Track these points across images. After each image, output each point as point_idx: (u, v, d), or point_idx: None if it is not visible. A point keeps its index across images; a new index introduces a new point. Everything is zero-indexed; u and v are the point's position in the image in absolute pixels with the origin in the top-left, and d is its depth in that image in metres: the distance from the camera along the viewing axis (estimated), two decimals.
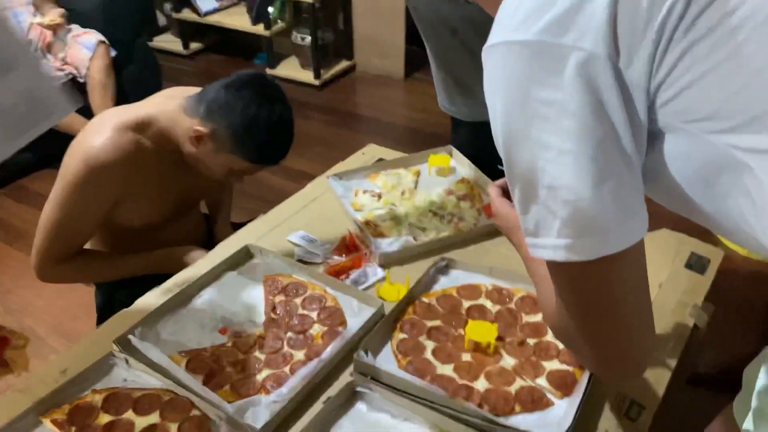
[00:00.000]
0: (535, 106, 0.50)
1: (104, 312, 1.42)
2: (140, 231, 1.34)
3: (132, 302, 1.13)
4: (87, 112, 2.71)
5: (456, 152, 1.49)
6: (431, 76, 1.62)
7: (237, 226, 1.51)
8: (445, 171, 1.46)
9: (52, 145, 2.79)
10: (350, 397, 0.91)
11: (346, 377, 0.95)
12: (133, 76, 2.99)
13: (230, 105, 1.15)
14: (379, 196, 1.37)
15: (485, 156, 1.52)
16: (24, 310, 2.00)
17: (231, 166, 1.21)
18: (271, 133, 1.18)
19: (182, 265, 1.30)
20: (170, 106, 1.24)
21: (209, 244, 1.42)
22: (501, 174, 0.66)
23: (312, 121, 3.38)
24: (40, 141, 2.76)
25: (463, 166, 1.47)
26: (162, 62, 3.31)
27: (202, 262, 1.22)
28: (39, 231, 1.26)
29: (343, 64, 3.84)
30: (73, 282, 1.38)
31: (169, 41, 4.11)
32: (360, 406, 0.90)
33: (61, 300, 2.00)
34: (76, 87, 2.74)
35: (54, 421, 0.87)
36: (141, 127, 1.22)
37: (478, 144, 1.61)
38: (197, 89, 1.26)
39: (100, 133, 1.21)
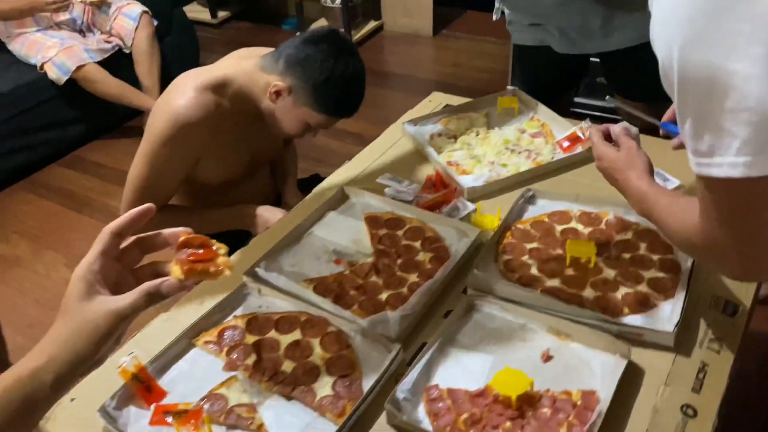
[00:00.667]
0: (722, 35, 0.55)
1: None
2: (216, 188, 1.43)
3: None
4: (134, 82, 2.79)
5: (521, 93, 1.55)
6: (459, 33, 1.66)
7: (301, 184, 1.60)
8: (514, 111, 1.52)
9: (103, 117, 2.90)
10: (469, 310, 1.00)
11: (458, 295, 1.04)
12: (173, 46, 3.06)
13: (309, 59, 1.22)
14: (455, 138, 1.45)
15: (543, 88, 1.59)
16: None
17: (307, 120, 1.28)
18: (347, 86, 1.25)
19: (254, 222, 1.39)
20: (246, 65, 1.31)
21: (277, 203, 1.51)
22: (557, 105, 0.71)
23: None
24: (92, 113, 2.95)
25: (529, 106, 1.53)
26: None
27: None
28: (127, 187, 1.34)
29: (372, 24, 3.87)
30: None
31: (197, 11, 4.15)
32: (477, 317, 0.99)
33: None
34: (123, 58, 2.82)
35: (206, 343, 0.97)
36: (220, 87, 1.29)
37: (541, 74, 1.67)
38: (268, 49, 1.33)
39: (184, 94, 1.29)
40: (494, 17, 1.72)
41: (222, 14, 4.15)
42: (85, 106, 2.75)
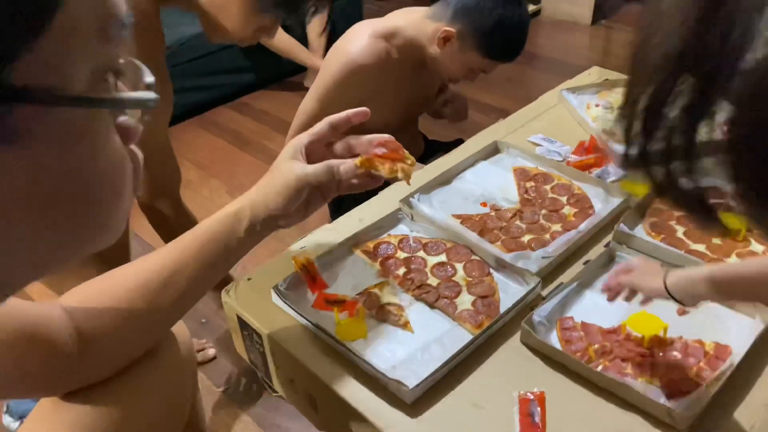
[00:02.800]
0: None
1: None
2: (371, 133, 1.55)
3: None
4: (303, 40, 3.01)
5: None
6: (619, 23, 1.66)
7: (442, 145, 1.70)
8: None
9: (271, 69, 3.16)
10: (608, 261, 1.05)
11: (600, 249, 1.08)
12: (340, 11, 3.25)
13: (478, 6, 1.31)
14: (613, 109, 1.47)
15: None
16: None
17: (471, 64, 1.37)
18: (513, 33, 1.34)
19: None
20: (415, 16, 1.43)
21: (422, 159, 1.61)
22: None
23: None
24: (261, 64, 3.18)
25: None
26: None
27: None
28: (296, 119, 1.50)
29: (530, 8, 3.86)
30: None
31: None
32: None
33: None
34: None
35: (363, 252, 1.10)
36: (391, 36, 1.41)
37: None
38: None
39: (358, 40, 1.42)
40: None
41: None
42: (256, 58, 3.02)
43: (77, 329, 0.64)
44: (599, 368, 0.85)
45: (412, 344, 0.91)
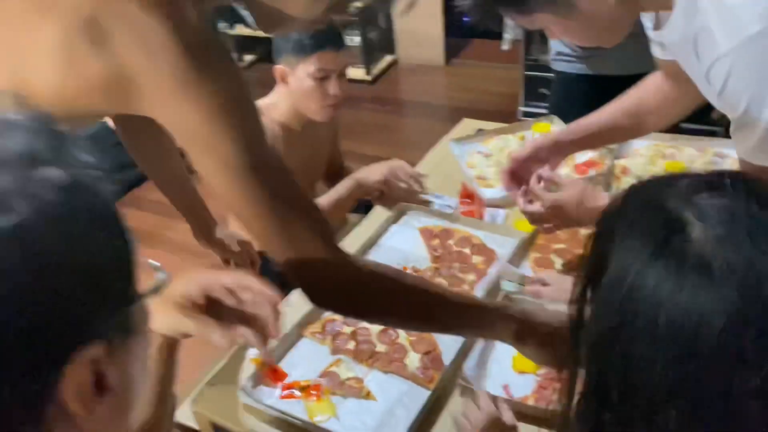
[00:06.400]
0: None
1: None
2: None
3: None
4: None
5: (556, 119, 1.75)
6: (469, 61, 1.83)
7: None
8: None
9: None
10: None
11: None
12: None
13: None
14: (489, 156, 1.70)
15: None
16: None
17: (307, 75, 1.46)
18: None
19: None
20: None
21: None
22: None
23: (369, 111, 3.71)
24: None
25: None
26: None
27: None
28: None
29: (388, 58, 4.16)
30: None
31: None
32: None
33: None
34: None
35: (312, 333, 1.21)
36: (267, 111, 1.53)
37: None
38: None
39: None
40: (504, 47, 1.92)
41: (248, 58, 4.44)
42: None
43: None
44: (531, 402, 1.02)
45: (378, 411, 1.04)
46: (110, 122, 2.02)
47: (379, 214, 1.57)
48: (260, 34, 4.65)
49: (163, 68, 0.65)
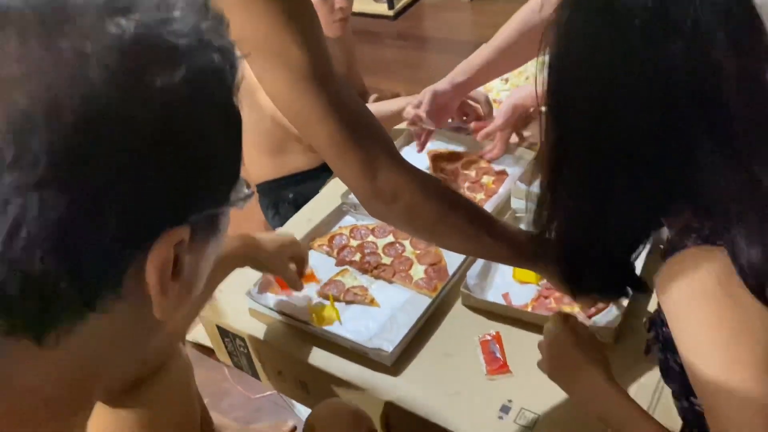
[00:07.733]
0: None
1: None
2: None
3: None
4: None
5: None
6: None
7: None
8: None
9: None
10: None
11: None
12: None
13: None
14: (506, 81, 1.66)
15: None
16: None
17: None
18: None
19: None
20: None
21: None
22: None
23: (392, 48, 3.64)
24: None
25: None
26: None
27: None
28: None
29: None
30: None
31: None
32: None
33: None
34: None
35: (319, 246, 1.22)
36: None
37: None
38: None
39: None
40: None
41: None
42: None
43: None
44: (530, 309, 1.02)
45: (381, 317, 1.05)
46: None
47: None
48: None
49: None
